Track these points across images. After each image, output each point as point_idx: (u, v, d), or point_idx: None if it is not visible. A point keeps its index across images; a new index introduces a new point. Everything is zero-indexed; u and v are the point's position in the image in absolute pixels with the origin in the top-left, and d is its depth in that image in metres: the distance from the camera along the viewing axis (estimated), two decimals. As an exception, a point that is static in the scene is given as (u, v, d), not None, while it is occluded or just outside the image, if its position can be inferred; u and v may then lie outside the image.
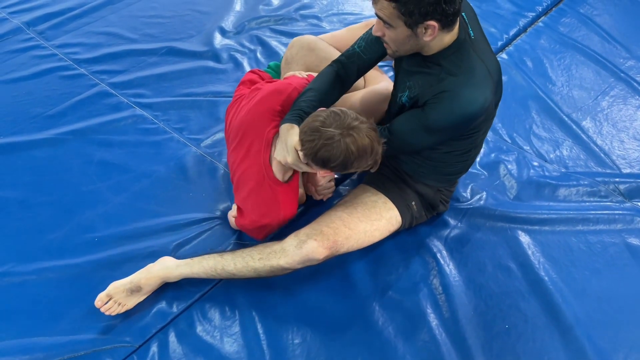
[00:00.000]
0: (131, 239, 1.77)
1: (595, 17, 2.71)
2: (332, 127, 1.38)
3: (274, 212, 1.60)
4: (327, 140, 1.37)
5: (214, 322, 1.60)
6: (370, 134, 1.40)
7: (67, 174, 1.97)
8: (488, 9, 2.74)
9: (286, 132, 1.49)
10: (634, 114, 2.24)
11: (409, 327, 1.58)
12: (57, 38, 2.56)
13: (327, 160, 1.40)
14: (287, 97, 1.60)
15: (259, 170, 1.58)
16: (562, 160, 2.06)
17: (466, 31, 1.42)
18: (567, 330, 1.56)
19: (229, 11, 2.74)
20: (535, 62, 2.47)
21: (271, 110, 1.59)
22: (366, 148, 1.40)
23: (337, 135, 1.37)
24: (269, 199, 1.59)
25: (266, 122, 1.58)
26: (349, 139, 1.37)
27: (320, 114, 1.42)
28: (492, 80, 1.43)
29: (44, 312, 1.61)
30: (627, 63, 2.47)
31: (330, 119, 1.39)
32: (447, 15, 1.31)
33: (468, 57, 1.41)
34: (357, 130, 1.38)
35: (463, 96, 1.39)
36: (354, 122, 1.39)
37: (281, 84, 1.65)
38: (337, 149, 1.38)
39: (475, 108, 1.40)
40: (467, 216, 1.85)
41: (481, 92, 1.40)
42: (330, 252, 1.56)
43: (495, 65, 1.47)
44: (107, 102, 2.25)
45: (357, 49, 1.59)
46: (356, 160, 1.41)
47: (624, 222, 1.83)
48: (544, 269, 1.70)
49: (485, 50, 1.47)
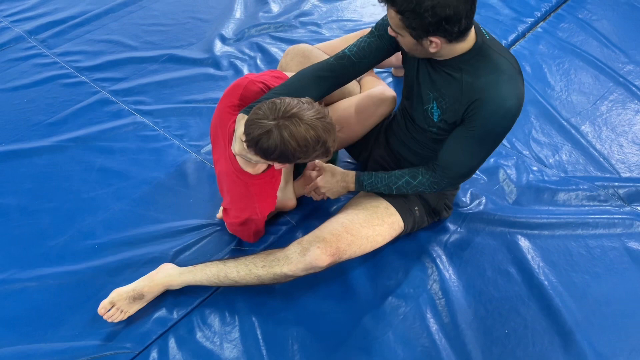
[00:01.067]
0: (131, 245, 1.78)
1: (593, 22, 2.72)
2: (268, 119, 1.34)
3: (249, 205, 1.60)
4: (262, 131, 1.34)
5: (214, 328, 1.60)
6: (313, 123, 1.34)
7: (67, 181, 1.98)
8: (487, 15, 2.75)
9: (237, 122, 1.48)
10: (632, 118, 2.25)
11: (409, 332, 1.59)
12: (58, 46, 2.58)
13: (266, 152, 1.36)
14: (243, 90, 1.58)
15: (227, 166, 1.59)
16: (561, 165, 2.06)
17: (482, 34, 1.42)
18: (567, 334, 1.56)
19: (229, 18, 2.76)
20: (534, 67, 2.48)
21: (231, 105, 1.59)
22: (307, 138, 1.33)
23: (273, 127, 1.33)
24: (242, 192, 1.59)
25: (228, 117, 1.58)
26: (285, 131, 1.32)
27: (262, 105, 1.37)
28: (517, 72, 1.42)
29: (44, 319, 1.61)
30: (626, 68, 2.47)
31: (267, 110, 1.35)
32: (451, 33, 1.31)
33: (490, 58, 1.40)
34: (295, 121, 1.33)
35: (498, 95, 1.38)
36: (292, 109, 1.34)
37: (239, 79, 1.64)
38: (273, 140, 1.33)
39: (515, 102, 1.39)
40: (466, 221, 1.85)
41: (514, 86, 1.40)
42: (334, 259, 1.56)
43: (515, 60, 1.47)
44: (108, 109, 2.26)
45: (348, 52, 1.57)
46: (298, 151, 1.35)
47: (624, 227, 1.83)
48: (543, 274, 1.70)
49: (503, 48, 1.46)
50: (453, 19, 1.27)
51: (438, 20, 1.27)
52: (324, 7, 2.85)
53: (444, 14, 1.26)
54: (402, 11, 1.29)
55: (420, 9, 1.26)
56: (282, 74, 1.70)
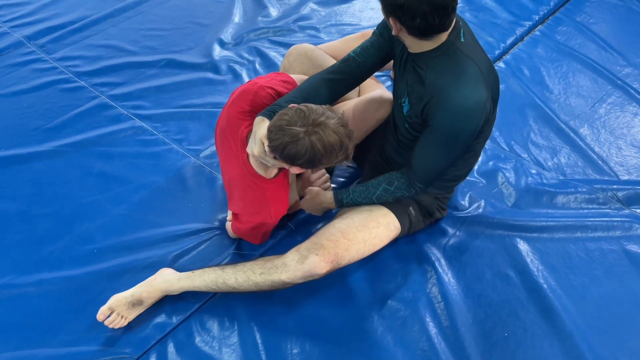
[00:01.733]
0: (130, 250, 1.78)
1: (591, 26, 2.73)
2: (297, 125, 1.37)
3: (263, 210, 1.60)
4: (292, 138, 1.37)
5: (213, 332, 1.60)
6: (337, 130, 1.39)
7: (66, 186, 1.98)
8: (485, 19, 2.76)
9: (256, 125, 1.49)
10: (631, 121, 2.25)
11: (408, 336, 1.58)
12: (57, 51, 2.58)
13: (294, 157, 1.40)
14: (253, 96, 1.59)
15: (240, 171, 1.59)
16: (560, 168, 2.06)
17: (458, 36, 1.42)
18: (567, 337, 1.56)
19: (227, 23, 2.76)
20: (532, 70, 2.49)
21: (241, 111, 1.59)
22: (333, 144, 1.39)
23: (302, 133, 1.36)
24: (257, 196, 1.60)
25: (238, 122, 1.59)
26: (315, 137, 1.36)
27: (287, 112, 1.41)
28: (484, 77, 1.42)
29: (43, 324, 1.61)
30: (624, 70, 2.48)
31: (295, 116, 1.38)
32: (409, 27, 1.33)
33: (456, 58, 1.41)
34: (322, 127, 1.37)
35: (455, 96, 1.38)
36: (320, 117, 1.38)
37: (247, 84, 1.65)
38: (302, 146, 1.37)
39: (470, 104, 1.39)
40: (465, 224, 1.85)
41: (474, 88, 1.39)
42: (332, 265, 1.56)
43: (487, 66, 1.46)
44: (107, 114, 2.27)
45: (352, 54, 1.61)
46: (324, 157, 1.40)
47: (623, 229, 1.83)
48: (542, 277, 1.70)
49: (477, 52, 1.46)
50: (406, 12, 1.30)
51: (394, 2, 1.30)
52: (322, 12, 2.85)
53: (399, 1, 1.29)
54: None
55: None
56: (289, 77, 1.71)
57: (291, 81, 1.69)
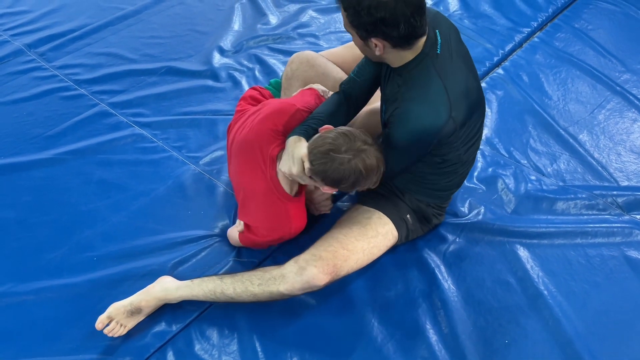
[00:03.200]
0: (130, 257, 1.77)
1: (590, 32, 2.74)
2: (343, 151, 1.41)
3: (285, 226, 1.62)
4: (339, 164, 1.41)
5: (212, 340, 1.59)
6: (377, 155, 1.45)
7: (66, 194, 1.98)
8: (484, 25, 2.77)
9: (293, 144, 1.50)
10: (630, 127, 2.25)
11: (409, 344, 1.58)
12: (57, 59, 2.59)
13: (338, 181, 1.44)
14: (289, 118, 1.61)
15: (267, 186, 1.58)
16: (559, 174, 2.06)
17: (433, 47, 1.43)
18: (567, 344, 1.55)
19: (227, 31, 2.77)
20: (531, 76, 2.49)
21: (273, 130, 1.60)
22: (374, 169, 1.45)
23: (349, 159, 1.41)
24: (280, 213, 1.61)
25: (269, 140, 1.59)
26: (360, 163, 1.41)
27: (329, 135, 1.44)
28: (448, 97, 1.41)
29: (42, 333, 1.60)
30: (623, 77, 2.48)
31: (339, 140, 1.42)
32: (392, 37, 1.34)
33: (426, 73, 1.42)
34: (366, 153, 1.43)
35: (411, 112, 1.41)
36: (363, 145, 1.43)
37: (285, 104, 1.67)
38: (348, 171, 1.42)
39: (426, 124, 1.41)
40: (465, 231, 1.85)
41: (431, 109, 1.41)
42: (331, 277, 1.55)
43: (460, 84, 1.45)
44: (107, 121, 2.27)
45: (352, 74, 1.63)
46: (366, 180, 1.46)
47: (623, 235, 1.83)
48: (543, 283, 1.70)
49: (451, 69, 1.45)
50: (390, 22, 1.30)
51: (374, 20, 1.31)
52: (321, 19, 2.86)
53: (379, 15, 1.29)
54: (346, 7, 1.35)
55: (359, 7, 1.31)
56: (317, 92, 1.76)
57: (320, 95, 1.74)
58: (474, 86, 1.53)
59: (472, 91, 1.51)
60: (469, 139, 1.57)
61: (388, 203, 1.70)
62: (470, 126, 1.55)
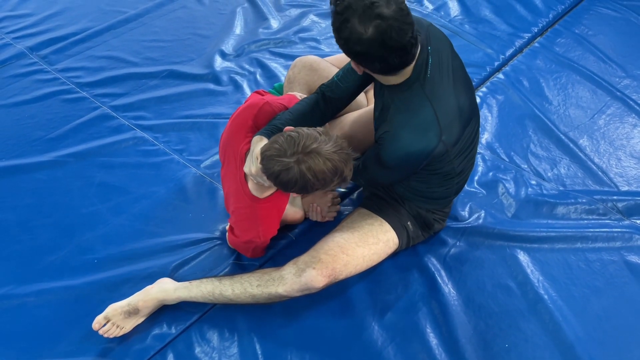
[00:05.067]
0: (130, 260, 1.78)
1: (590, 38, 2.74)
2: (287, 154, 1.35)
3: (252, 228, 1.61)
4: (282, 167, 1.36)
5: (213, 343, 1.59)
6: (330, 157, 1.36)
7: (67, 196, 1.99)
8: (484, 30, 2.78)
9: (254, 144, 1.49)
10: (630, 132, 2.25)
11: (409, 347, 1.58)
12: (59, 62, 2.60)
13: (286, 185, 1.39)
14: (258, 111, 1.59)
15: (236, 187, 1.59)
16: (559, 179, 2.06)
17: (422, 70, 1.41)
18: (568, 349, 1.55)
19: (229, 35, 2.78)
20: (531, 81, 2.50)
21: (244, 126, 1.59)
22: (325, 172, 1.36)
23: (292, 163, 1.35)
24: (248, 214, 1.60)
25: (240, 138, 1.59)
26: (304, 166, 1.34)
27: (278, 139, 1.39)
28: (438, 123, 1.40)
29: (42, 335, 1.61)
30: (623, 82, 2.49)
31: (285, 144, 1.36)
32: (372, 69, 1.35)
33: (416, 98, 1.41)
34: (314, 155, 1.35)
35: (401, 138, 1.41)
36: (312, 144, 1.35)
37: (254, 99, 1.65)
38: (293, 176, 1.35)
39: (415, 150, 1.41)
40: (465, 235, 1.85)
41: (421, 136, 1.40)
42: (330, 280, 1.56)
43: (451, 106, 1.44)
44: (108, 124, 2.28)
45: (336, 78, 1.62)
46: (317, 184, 1.38)
47: (623, 240, 1.83)
48: (543, 287, 1.70)
49: (442, 91, 1.43)
50: (366, 57, 1.31)
51: (351, 53, 1.32)
52: (323, 23, 2.87)
53: (355, 50, 1.30)
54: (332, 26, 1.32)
55: (338, 37, 1.31)
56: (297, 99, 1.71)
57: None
58: (465, 102, 1.50)
59: (464, 108, 1.49)
60: (462, 151, 1.56)
61: (390, 209, 1.70)
62: (463, 140, 1.54)
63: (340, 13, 1.27)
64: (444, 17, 2.87)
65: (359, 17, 1.25)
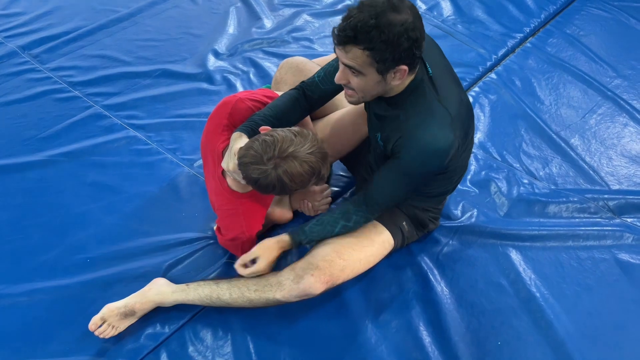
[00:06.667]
0: (123, 259, 1.77)
1: (581, 38, 2.76)
2: (264, 160, 1.36)
3: (237, 225, 1.61)
4: (260, 174, 1.37)
5: (206, 342, 1.59)
6: (307, 159, 1.37)
7: (59, 196, 1.98)
8: (477, 31, 2.79)
9: (233, 141, 1.49)
10: (621, 132, 2.27)
11: (402, 345, 1.58)
12: (51, 61, 2.58)
13: (265, 189, 1.40)
14: (232, 109, 1.59)
15: (216, 184, 1.60)
16: (551, 178, 2.08)
17: (424, 70, 1.42)
18: (559, 346, 1.57)
19: (222, 34, 2.78)
20: (523, 81, 2.51)
21: (219, 124, 1.60)
22: (303, 174, 1.37)
23: (269, 169, 1.36)
24: (230, 211, 1.61)
25: (216, 137, 1.60)
26: (281, 170, 1.35)
27: (253, 145, 1.39)
28: (452, 119, 1.41)
29: (35, 334, 1.60)
30: (614, 82, 2.51)
31: (261, 149, 1.37)
32: (415, 58, 1.33)
33: (425, 99, 1.41)
34: (290, 159, 1.36)
35: (422, 138, 1.39)
36: (289, 148, 1.36)
37: (227, 97, 1.65)
38: (271, 181, 1.37)
39: (440, 145, 1.40)
40: (458, 234, 1.86)
41: (441, 132, 1.40)
42: (328, 286, 1.56)
43: (455, 101, 1.45)
44: (101, 123, 2.27)
45: (317, 78, 1.61)
46: (295, 186, 1.40)
47: (614, 238, 1.85)
48: (535, 285, 1.71)
49: (445, 87, 1.45)
50: (420, 42, 1.30)
51: (411, 44, 1.27)
52: (316, 23, 2.88)
53: (415, 37, 1.27)
54: (371, 47, 1.27)
55: (394, 37, 1.25)
56: (273, 92, 1.71)
57: (274, 96, 1.68)
58: (465, 99, 1.53)
59: (464, 104, 1.51)
60: (464, 149, 1.58)
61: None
62: (469, 135, 1.57)
63: (377, 25, 1.23)
64: (436, 17, 2.88)
65: (394, 10, 1.25)
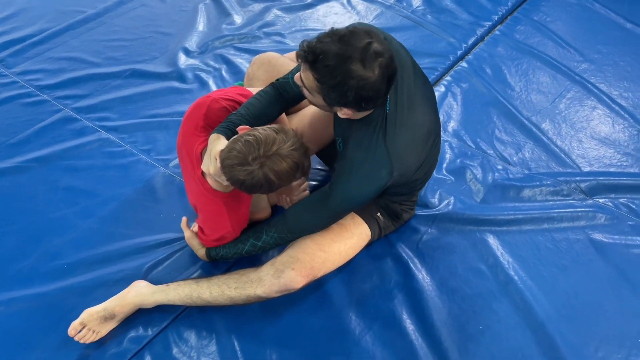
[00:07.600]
0: (101, 263, 1.75)
1: (548, 24, 2.81)
2: (249, 161, 1.35)
3: (222, 224, 1.61)
4: (247, 175, 1.36)
5: (190, 342, 1.58)
6: (291, 155, 1.38)
7: (32, 202, 1.94)
8: (446, 20, 2.82)
9: (211, 143, 1.48)
10: (590, 115, 2.32)
11: (386, 334, 1.60)
12: (17, 65, 2.52)
13: (251, 189, 1.40)
14: (207, 110, 1.59)
15: (197, 186, 1.59)
16: (524, 162, 2.11)
17: (383, 108, 1.42)
18: (539, 327, 1.60)
19: (192, 32, 2.75)
20: (494, 69, 2.55)
21: (195, 126, 1.59)
22: (288, 171, 1.39)
23: (255, 169, 1.35)
24: (214, 211, 1.60)
25: (193, 139, 1.59)
26: (267, 169, 1.36)
27: (235, 146, 1.38)
28: (390, 161, 1.42)
29: (15, 344, 1.57)
30: (581, 66, 2.56)
31: (244, 150, 1.36)
32: (365, 109, 1.35)
33: (371, 137, 1.42)
34: (275, 157, 1.36)
35: (356, 178, 1.44)
36: (272, 147, 1.36)
37: (201, 98, 1.65)
38: (257, 181, 1.37)
39: (364, 190, 1.46)
40: (436, 221, 1.88)
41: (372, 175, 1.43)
42: (309, 279, 1.57)
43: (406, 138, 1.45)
44: (72, 127, 2.23)
45: (290, 78, 1.60)
46: (282, 183, 1.41)
47: (587, 219, 1.89)
48: (513, 269, 1.74)
49: (401, 122, 1.44)
50: (372, 99, 1.30)
51: (359, 99, 1.29)
52: (287, 18, 2.87)
53: (366, 95, 1.28)
54: (322, 80, 1.28)
55: (344, 86, 1.26)
56: (246, 90, 1.70)
57: (248, 94, 1.67)
58: (425, 120, 1.52)
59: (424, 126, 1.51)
60: (420, 163, 1.56)
61: None
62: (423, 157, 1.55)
63: (336, 66, 1.23)
64: (406, 9, 2.90)
65: (362, 62, 1.23)
